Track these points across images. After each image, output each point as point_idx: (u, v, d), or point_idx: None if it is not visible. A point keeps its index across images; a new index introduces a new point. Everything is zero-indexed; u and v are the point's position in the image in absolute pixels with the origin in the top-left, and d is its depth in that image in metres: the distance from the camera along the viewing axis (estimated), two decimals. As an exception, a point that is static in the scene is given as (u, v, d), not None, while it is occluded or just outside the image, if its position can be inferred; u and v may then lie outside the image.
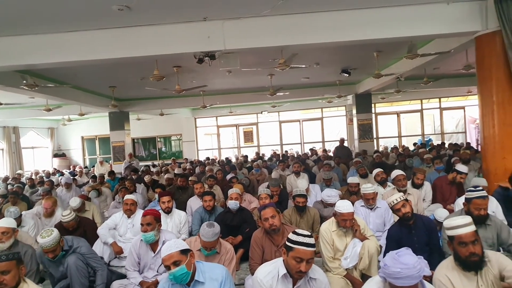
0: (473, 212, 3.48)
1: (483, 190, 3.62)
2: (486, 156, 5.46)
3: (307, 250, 2.35)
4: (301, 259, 2.35)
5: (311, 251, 2.37)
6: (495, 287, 2.53)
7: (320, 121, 17.95)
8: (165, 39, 5.49)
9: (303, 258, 2.35)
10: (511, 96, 5.12)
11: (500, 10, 4.94)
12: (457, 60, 8.89)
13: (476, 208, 3.49)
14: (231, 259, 3.38)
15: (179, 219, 4.95)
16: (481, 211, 3.46)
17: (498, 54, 5.15)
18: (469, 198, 3.56)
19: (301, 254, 2.35)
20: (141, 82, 9.61)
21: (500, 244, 3.54)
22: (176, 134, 18.13)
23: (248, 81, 11.13)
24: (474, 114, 16.49)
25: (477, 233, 2.57)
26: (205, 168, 9.97)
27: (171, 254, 2.46)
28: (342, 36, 5.43)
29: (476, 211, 3.47)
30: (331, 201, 4.93)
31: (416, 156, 9.65)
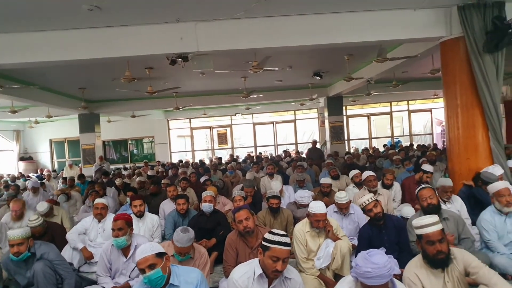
0: (423, 204, 3.76)
1: (426, 184, 3.88)
2: (452, 156, 5.68)
3: (284, 249, 2.39)
4: (278, 258, 2.38)
5: (287, 250, 2.41)
6: (460, 283, 2.63)
7: (293, 123, 18.13)
8: (136, 40, 5.40)
9: (280, 257, 2.38)
10: (474, 99, 5.33)
11: (463, 17, 5.16)
12: (424, 64, 9.21)
13: (422, 200, 3.78)
14: (205, 263, 3.36)
15: (151, 223, 4.87)
16: (427, 200, 3.74)
17: (462, 59, 5.37)
18: (417, 194, 3.89)
19: (277, 253, 2.38)
20: (112, 84, 9.41)
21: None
22: (148, 136, 17.83)
23: (222, 83, 11.11)
24: (440, 116, 17.12)
25: (444, 231, 2.68)
26: (178, 171, 9.86)
27: (146, 257, 2.43)
28: (314, 40, 5.51)
29: (424, 202, 3.76)
30: (304, 202, 4.99)
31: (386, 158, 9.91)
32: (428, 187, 3.91)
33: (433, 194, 3.81)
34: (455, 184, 5.43)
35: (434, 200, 3.76)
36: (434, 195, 3.83)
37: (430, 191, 3.82)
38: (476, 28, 5.10)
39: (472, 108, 5.37)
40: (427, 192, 3.81)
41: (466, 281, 2.67)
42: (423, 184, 3.97)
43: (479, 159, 5.32)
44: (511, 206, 3.71)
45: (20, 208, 5.25)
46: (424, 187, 3.91)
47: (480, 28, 5.09)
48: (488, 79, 5.13)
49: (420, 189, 3.89)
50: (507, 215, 3.75)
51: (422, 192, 3.83)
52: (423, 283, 2.62)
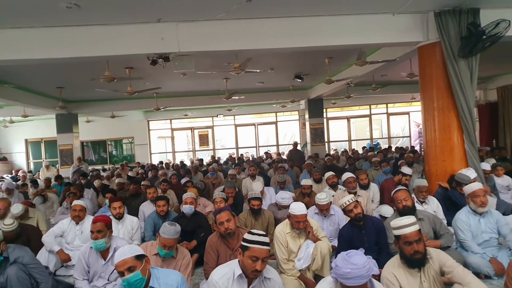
0: (398, 206, 3.83)
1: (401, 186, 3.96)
2: (428, 158, 5.82)
3: (263, 248, 2.41)
4: (257, 258, 2.39)
5: (266, 249, 2.43)
6: (436, 282, 2.70)
7: (274, 125, 18.20)
8: (116, 39, 5.31)
9: (259, 257, 2.39)
10: (450, 103, 5.48)
11: (439, 23, 5.30)
12: (402, 68, 9.42)
13: (398, 202, 3.84)
14: (187, 264, 3.34)
15: (131, 225, 4.80)
16: (403, 202, 3.81)
17: (438, 63, 5.51)
18: (392, 196, 3.94)
19: (256, 253, 2.39)
20: (91, 83, 9.24)
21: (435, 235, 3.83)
22: (127, 137, 17.57)
23: (203, 84, 11.06)
24: (417, 119, 17.51)
25: (420, 232, 2.74)
26: (158, 172, 9.75)
27: (125, 259, 2.39)
28: (295, 42, 5.55)
29: (399, 205, 3.82)
30: (285, 203, 5.02)
31: (366, 160, 10.07)
32: (403, 189, 3.97)
33: (408, 196, 3.87)
34: (431, 186, 5.58)
35: (409, 202, 3.83)
36: (409, 197, 3.89)
37: (405, 193, 3.89)
38: (452, 33, 5.25)
39: (448, 111, 5.51)
40: (402, 194, 3.87)
41: (441, 280, 2.74)
42: (399, 186, 4.04)
43: (454, 161, 5.48)
44: (485, 207, 3.84)
45: (4, 208, 5.09)
46: (399, 189, 3.96)
47: (455, 33, 5.25)
48: (463, 83, 5.29)
49: (395, 191, 3.95)
50: (481, 215, 3.87)
51: (398, 194, 3.89)
52: (400, 282, 2.68)
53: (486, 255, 3.73)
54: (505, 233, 3.84)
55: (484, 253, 3.75)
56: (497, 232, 3.86)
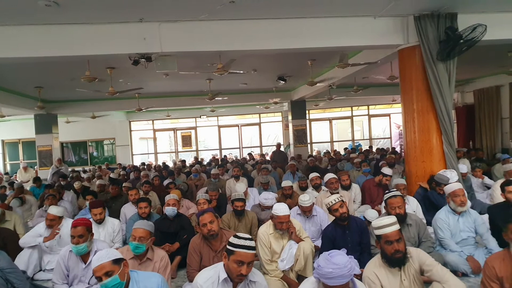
0: (391, 212, 3.75)
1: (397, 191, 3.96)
2: (408, 159, 5.93)
3: (248, 253, 2.40)
4: (242, 262, 2.38)
5: (252, 253, 2.42)
6: (416, 280, 2.76)
7: (258, 126, 18.24)
8: (97, 39, 5.22)
9: (244, 261, 2.38)
10: (429, 105, 5.60)
11: (418, 27, 5.42)
12: (383, 70, 9.57)
13: (391, 208, 3.77)
14: (165, 266, 3.30)
15: (112, 227, 4.72)
16: (396, 209, 3.73)
17: (418, 66, 5.63)
18: (386, 200, 3.87)
19: (242, 257, 2.38)
20: (71, 83, 9.06)
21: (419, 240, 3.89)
22: (109, 138, 17.29)
23: (186, 84, 10.99)
24: (398, 121, 17.83)
25: (401, 231, 2.79)
26: (139, 174, 9.64)
27: (102, 264, 2.35)
28: (278, 44, 5.57)
29: (392, 211, 3.75)
30: (268, 204, 5.03)
31: (347, 160, 10.20)
32: (399, 195, 3.85)
33: (402, 204, 3.79)
34: (411, 186, 5.69)
35: (402, 210, 3.76)
36: (403, 204, 3.82)
37: (400, 200, 3.79)
38: (431, 37, 5.37)
39: (427, 113, 5.63)
40: (397, 201, 3.77)
41: (421, 278, 2.79)
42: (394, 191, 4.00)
43: (433, 162, 5.60)
44: (464, 206, 3.94)
45: None
46: (395, 195, 3.83)
47: (434, 37, 5.37)
48: (442, 86, 5.41)
49: (390, 196, 3.83)
50: (460, 215, 3.97)
51: (392, 200, 3.78)
52: (381, 282, 2.72)
53: (464, 254, 3.83)
54: (481, 232, 3.95)
55: (461, 251, 3.85)
56: (475, 231, 3.97)
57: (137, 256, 3.27)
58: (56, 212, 4.47)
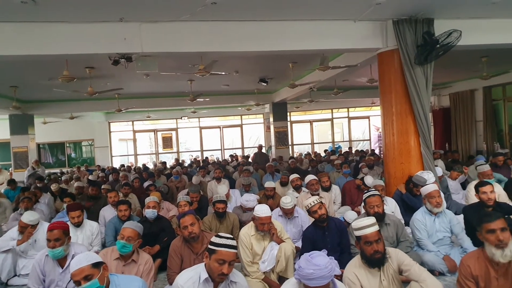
0: (369, 211, 3.83)
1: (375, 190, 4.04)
2: (387, 161, 6.03)
3: (230, 251, 2.41)
4: (224, 261, 2.39)
5: (233, 252, 2.43)
6: (395, 280, 2.81)
7: (239, 128, 18.23)
8: (76, 38, 5.11)
9: (226, 260, 2.39)
10: (407, 108, 5.71)
11: (397, 31, 5.53)
12: (363, 73, 9.73)
13: (370, 206, 3.85)
14: (149, 269, 3.27)
15: (90, 230, 4.63)
16: (375, 208, 3.82)
17: (396, 69, 5.73)
18: (364, 199, 3.95)
19: (224, 256, 2.39)
20: (49, 83, 8.84)
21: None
22: (87, 139, 16.95)
23: (167, 85, 10.89)
24: (377, 123, 18.14)
25: (380, 232, 2.84)
26: (119, 176, 9.49)
27: (81, 268, 2.30)
28: (260, 46, 5.59)
29: (370, 210, 3.83)
30: (250, 205, 5.03)
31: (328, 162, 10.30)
32: (377, 194, 3.92)
33: (380, 203, 3.86)
34: (390, 187, 5.79)
35: (380, 209, 3.83)
36: (381, 203, 3.89)
37: (378, 199, 3.85)
38: (409, 41, 5.49)
39: (405, 116, 5.73)
40: (376, 200, 3.84)
41: (399, 278, 2.85)
42: (372, 190, 4.07)
43: (411, 163, 5.71)
44: (440, 207, 4.04)
45: None
46: (373, 194, 3.90)
47: (412, 41, 5.49)
48: (419, 89, 5.53)
49: (368, 195, 3.90)
50: (436, 215, 4.07)
51: (371, 200, 3.85)
52: (361, 282, 2.76)
53: (440, 253, 3.92)
54: (457, 232, 4.06)
55: (438, 251, 3.94)
56: (450, 231, 4.07)
57: (122, 257, 3.23)
58: (28, 221, 4.24)
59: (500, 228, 2.56)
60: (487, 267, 2.63)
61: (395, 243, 3.94)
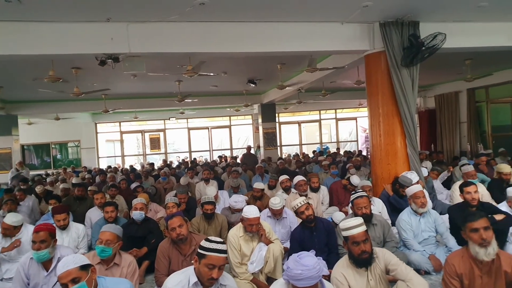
0: (357, 212, 3.87)
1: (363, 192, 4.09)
2: (374, 162, 6.09)
3: (220, 256, 2.40)
4: (214, 265, 2.38)
5: (223, 257, 2.42)
6: (382, 280, 2.84)
7: (228, 129, 18.20)
8: (62, 37, 5.04)
9: (216, 264, 2.38)
10: (394, 109, 5.77)
11: (384, 33, 5.59)
12: (350, 75, 9.81)
13: (357, 208, 3.89)
14: (133, 271, 3.23)
15: (76, 233, 4.56)
16: (363, 209, 3.86)
17: (383, 71, 5.80)
18: (352, 200, 3.99)
19: (213, 261, 2.38)
20: (34, 83, 8.69)
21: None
22: (73, 140, 16.70)
23: (155, 86, 10.81)
24: (364, 124, 18.32)
25: (367, 232, 2.87)
26: (106, 177, 9.38)
27: (69, 270, 2.27)
28: (248, 47, 5.59)
29: (358, 211, 3.87)
30: (238, 206, 5.03)
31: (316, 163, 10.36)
32: (365, 196, 3.96)
33: (368, 204, 3.90)
34: (377, 188, 5.86)
35: (368, 210, 3.88)
36: (369, 204, 3.94)
37: (366, 201, 3.90)
38: (395, 44, 5.56)
39: (392, 117, 5.80)
40: (363, 201, 3.88)
41: (386, 278, 2.88)
42: (359, 191, 4.12)
43: (398, 164, 5.78)
44: (425, 207, 4.11)
45: None
46: (361, 195, 3.94)
47: (398, 44, 5.56)
48: (406, 91, 5.61)
49: (356, 197, 3.93)
50: (421, 215, 4.13)
51: (358, 201, 3.88)
52: (349, 282, 2.78)
53: (426, 253, 3.99)
54: (442, 231, 4.13)
55: (424, 250, 4.00)
56: (435, 230, 4.14)
57: (104, 261, 3.19)
58: (11, 223, 4.16)
59: (483, 227, 2.62)
60: (471, 265, 2.68)
61: (382, 243, 3.99)
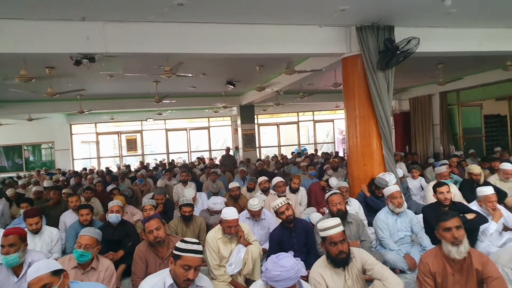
0: (332, 209, 3.98)
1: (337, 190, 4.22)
2: (351, 163, 6.19)
3: (196, 257, 2.39)
4: (189, 266, 2.36)
5: (199, 258, 2.41)
6: (359, 279, 2.88)
7: (207, 130, 18.10)
8: (35, 36, 4.88)
9: (191, 265, 2.37)
10: (370, 111, 5.88)
11: (360, 37, 5.69)
12: (328, 78, 9.93)
13: (332, 204, 4.00)
14: (110, 276, 3.18)
15: (50, 237, 4.44)
16: (337, 205, 3.97)
17: (360, 74, 5.90)
18: (327, 199, 4.09)
19: (189, 262, 2.36)
20: (5, 83, 8.40)
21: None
22: (47, 142, 16.22)
23: (132, 86, 10.64)
24: (341, 126, 18.60)
25: (345, 232, 2.91)
26: (81, 180, 9.17)
27: (40, 276, 2.20)
28: (227, 49, 5.58)
29: (333, 207, 3.98)
30: (217, 208, 5.02)
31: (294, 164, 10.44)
32: (338, 193, 4.12)
33: (342, 200, 4.03)
34: (354, 189, 5.95)
35: (343, 206, 3.99)
36: (343, 201, 4.06)
37: (340, 197, 4.04)
38: (371, 47, 5.67)
39: (368, 119, 5.91)
40: (337, 198, 4.01)
41: (363, 277, 2.93)
42: (333, 189, 4.23)
43: (374, 165, 5.89)
44: (401, 207, 4.21)
45: None
46: (335, 192, 4.10)
47: (374, 47, 5.67)
48: (381, 93, 5.72)
49: (330, 194, 4.08)
50: (398, 215, 4.23)
51: (333, 198, 4.01)
52: (327, 282, 2.81)
53: (401, 252, 4.08)
54: (417, 231, 4.24)
55: (399, 250, 4.10)
56: (411, 230, 4.25)
57: (80, 265, 3.12)
58: None
59: (455, 226, 2.70)
60: (444, 263, 2.76)
61: (358, 241, 4.06)
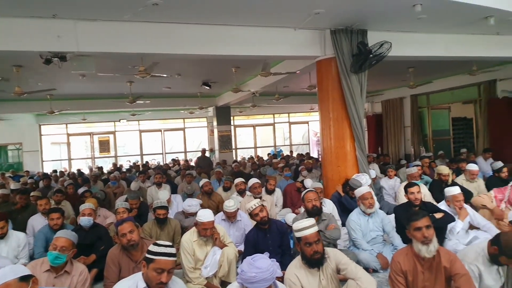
0: (308, 206, 4.13)
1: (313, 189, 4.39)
2: (325, 164, 6.28)
3: (168, 260, 2.36)
4: (162, 269, 2.33)
5: (172, 261, 2.38)
6: (333, 279, 2.92)
7: (182, 131, 17.92)
8: (2, 33, 4.69)
9: (164, 268, 2.34)
10: (343, 114, 5.98)
11: (334, 40, 5.79)
12: (303, 80, 10.06)
13: (308, 201, 4.15)
14: (84, 281, 3.11)
15: (16, 242, 4.28)
16: (313, 201, 4.13)
17: (334, 77, 6.00)
18: (302, 197, 4.25)
19: (162, 265, 2.34)
20: (-32, 81, 8.06)
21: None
22: (14, 143, 15.61)
23: (105, 86, 10.43)
24: (316, 128, 18.84)
25: (319, 233, 2.95)
26: (50, 182, 8.88)
27: (7, 282, 2.12)
28: (202, 50, 5.55)
29: (309, 203, 4.13)
30: (192, 210, 4.98)
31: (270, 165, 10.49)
32: (313, 190, 4.32)
33: (317, 197, 4.21)
34: (328, 189, 6.03)
35: (318, 202, 4.16)
36: (318, 198, 4.24)
37: (315, 194, 4.21)
38: (345, 50, 5.77)
39: (342, 121, 6.01)
40: (312, 195, 4.18)
41: (337, 277, 2.97)
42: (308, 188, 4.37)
43: (348, 167, 5.99)
44: (372, 208, 4.30)
45: None
46: (310, 190, 4.30)
47: (348, 51, 5.78)
48: (354, 96, 5.83)
49: (306, 192, 4.26)
50: (369, 216, 4.32)
51: (308, 195, 4.19)
52: (302, 282, 2.84)
53: (374, 251, 4.17)
54: (388, 230, 4.34)
55: (372, 249, 4.18)
56: (382, 230, 4.35)
57: (53, 269, 3.04)
58: None
59: (425, 226, 2.78)
60: (415, 262, 2.84)
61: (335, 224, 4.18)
